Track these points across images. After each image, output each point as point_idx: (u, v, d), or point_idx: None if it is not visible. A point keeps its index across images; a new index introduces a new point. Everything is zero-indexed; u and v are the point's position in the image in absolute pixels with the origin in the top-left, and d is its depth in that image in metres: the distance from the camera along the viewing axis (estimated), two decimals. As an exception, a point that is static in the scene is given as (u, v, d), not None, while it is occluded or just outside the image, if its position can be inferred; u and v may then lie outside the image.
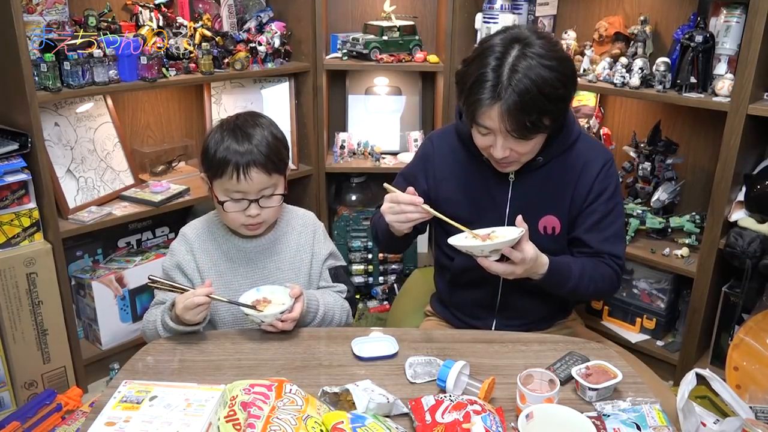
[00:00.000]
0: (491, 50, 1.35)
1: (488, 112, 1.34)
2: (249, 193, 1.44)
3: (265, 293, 1.44)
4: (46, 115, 2.17)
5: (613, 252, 1.54)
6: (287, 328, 1.41)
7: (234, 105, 2.71)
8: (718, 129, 2.10)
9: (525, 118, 1.32)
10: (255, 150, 1.42)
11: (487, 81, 1.32)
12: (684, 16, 2.36)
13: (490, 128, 1.37)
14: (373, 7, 2.85)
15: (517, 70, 1.31)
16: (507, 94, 1.30)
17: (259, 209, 1.46)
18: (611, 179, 1.54)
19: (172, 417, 1.04)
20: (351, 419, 1.05)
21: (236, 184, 1.42)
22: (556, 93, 1.34)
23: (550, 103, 1.33)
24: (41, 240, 2.10)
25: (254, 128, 1.46)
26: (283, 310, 1.38)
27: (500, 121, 1.33)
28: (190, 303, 1.34)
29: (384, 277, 2.85)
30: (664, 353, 2.37)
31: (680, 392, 1.51)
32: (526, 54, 1.32)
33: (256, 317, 1.38)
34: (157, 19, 2.37)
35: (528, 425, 1.08)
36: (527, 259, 1.35)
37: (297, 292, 1.41)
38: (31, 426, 1.97)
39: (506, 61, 1.32)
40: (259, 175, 1.43)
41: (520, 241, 1.35)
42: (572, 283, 1.47)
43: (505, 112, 1.32)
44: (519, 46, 1.33)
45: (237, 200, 1.45)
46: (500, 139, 1.38)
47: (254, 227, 1.50)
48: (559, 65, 1.34)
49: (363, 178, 2.96)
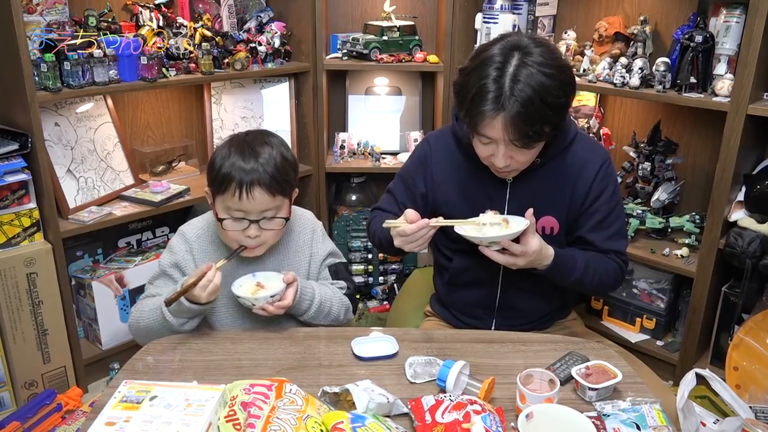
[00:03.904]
0: (491, 60, 1.34)
1: (491, 123, 1.34)
2: (250, 213, 1.41)
3: (259, 278, 1.45)
4: (46, 115, 2.17)
5: (616, 249, 1.56)
6: (278, 313, 1.41)
7: (234, 105, 2.72)
8: (718, 129, 2.11)
9: (528, 128, 1.32)
10: (261, 169, 1.39)
11: (489, 92, 1.31)
12: (684, 16, 2.36)
13: (493, 138, 1.37)
14: (373, 7, 2.85)
15: (518, 80, 1.30)
16: (510, 104, 1.30)
17: (258, 231, 1.43)
18: (610, 178, 1.54)
19: (172, 417, 1.04)
20: (351, 419, 1.05)
21: (238, 202, 1.39)
22: (558, 101, 1.34)
23: (551, 112, 1.33)
24: (41, 240, 2.10)
25: (263, 146, 1.43)
26: (273, 294, 1.38)
27: (504, 132, 1.33)
28: (213, 287, 1.35)
29: (384, 277, 2.85)
30: (664, 353, 2.37)
31: (680, 392, 1.51)
32: (527, 63, 1.31)
33: (247, 300, 1.39)
34: (157, 19, 2.37)
35: (528, 425, 1.08)
36: (529, 252, 1.37)
37: (290, 278, 1.41)
38: (31, 426, 1.97)
39: (507, 71, 1.31)
40: (262, 195, 1.39)
41: (525, 233, 1.37)
42: (576, 274, 1.49)
43: (509, 122, 1.31)
44: (519, 55, 1.33)
45: (237, 219, 1.42)
46: (502, 149, 1.38)
47: (252, 249, 1.46)
48: (559, 73, 1.34)
49: (363, 178, 2.96)
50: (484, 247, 1.38)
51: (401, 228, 1.39)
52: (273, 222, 1.44)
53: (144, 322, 1.46)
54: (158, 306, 1.42)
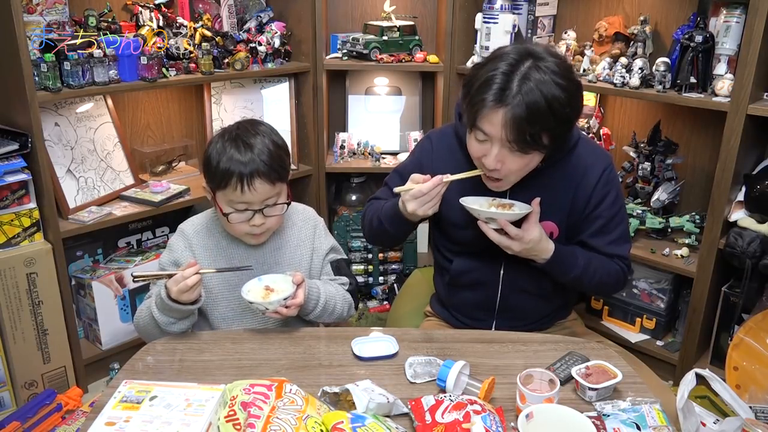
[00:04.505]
0: (505, 57, 1.34)
1: (490, 116, 1.33)
2: (253, 204, 1.43)
3: (266, 282, 1.44)
4: (46, 115, 2.17)
5: (619, 254, 1.55)
6: (292, 314, 1.41)
7: (234, 105, 2.71)
8: (718, 129, 2.10)
9: (527, 130, 1.31)
10: (257, 159, 1.41)
11: (495, 83, 1.31)
12: (684, 16, 2.36)
13: (489, 135, 1.35)
14: (373, 7, 2.85)
15: (528, 79, 1.30)
16: (515, 101, 1.29)
17: (263, 219, 1.46)
18: (612, 183, 1.53)
19: (172, 417, 1.04)
20: (351, 419, 1.05)
21: (240, 195, 1.41)
22: (563, 112, 1.32)
23: (554, 121, 1.32)
24: (41, 240, 2.10)
25: (255, 137, 1.45)
26: (286, 297, 1.38)
27: (502, 128, 1.32)
28: (183, 286, 1.34)
29: (384, 277, 2.85)
30: (664, 353, 2.37)
31: (680, 392, 1.50)
32: (540, 67, 1.31)
33: (260, 305, 1.38)
34: (157, 19, 2.37)
35: (528, 425, 1.08)
36: (525, 238, 1.38)
37: (299, 279, 1.42)
38: (31, 426, 1.97)
39: (518, 70, 1.31)
40: (263, 186, 1.42)
41: (528, 221, 1.38)
42: (576, 272, 1.49)
43: (509, 120, 1.30)
44: (533, 60, 1.32)
45: (241, 211, 1.44)
46: (496, 148, 1.37)
47: (258, 236, 1.50)
48: (570, 86, 1.33)
49: (363, 178, 2.96)
50: (483, 222, 1.38)
51: (416, 189, 1.39)
52: (275, 208, 1.48)
53: (142, 321, 1.47)
54: (149, 305, 1.44)
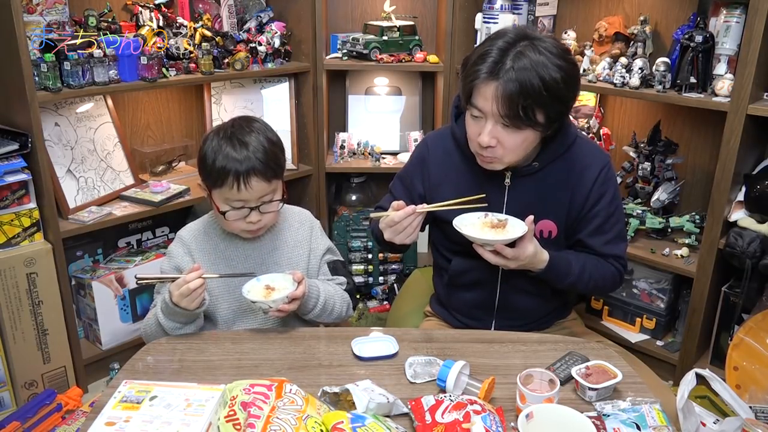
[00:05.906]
0: (503, 35, 1.37)
1: (483, 89, 1.35)
2: (249, 201, 1.44)
3: (266, 281, 1.45)
4: (46, 115, 2.17)
5: (615, 254, 1.56)
6: (293, 308, 1.42)
7: (234, 105, 2.71)
8: (718, 129, 2.10)
9: (520, 103, 1.32)
10: (253, 157, 1.41)
11: (490, 57, 1.34)
12: (684, 16, 2.36)
13: (483, 110, 1.37)
14: (373, 7, 2.85)
15: (523, 56, 1.32)
16: (508, 76, 1.31)
17: (259, 216, 1.46)
18: (610, 182, 1.54)
19: (172, 417, 1.04)
20: (351, 419, 1.05)
21: (237, 193, 1.42)
22: (557, 88, 1.34)
23: (548, 96, 1.33)
24: (41, 240, 2.10)
25: (249, 135, 1.45)
26: (287, 294, 1.39)
27: (494, 101, 1.33)
28: (185, 290, 1.35)
29: (384, 277, 2.85)
30: (664, 353, 2.37)
31: (680, 392, 1.50)
32: (536, 46, 1.34)
33: (264, 303, 1.39)
34: (157, 19, 2.37)
35: (528, 425, 1.08)
36: (521, 257, 1.39)
37: (300, 276, 1.42)
38: (31, 426, 1.97)
39: (515, 47, 1.34)
40: (259, 183, 1.43)
41: (522, 238, 1.37)
42: (571, 279, 1.51)
43: (501, 93, 1.32)
44: (529, 40, 1.35)
45: (238, 208, 1.45)
46: (489, 124, 1.38)
47: (254, 232, 1.50)
48: (566, 65, 1.35)
49: (363, 178, 2.96)
50: (477, 246, 1.39)
51: (389, 217, 1.38)
52: (271, 205, 1.48)
53: (149, 329, 1.48)
54: (155, 313, 1.45)
